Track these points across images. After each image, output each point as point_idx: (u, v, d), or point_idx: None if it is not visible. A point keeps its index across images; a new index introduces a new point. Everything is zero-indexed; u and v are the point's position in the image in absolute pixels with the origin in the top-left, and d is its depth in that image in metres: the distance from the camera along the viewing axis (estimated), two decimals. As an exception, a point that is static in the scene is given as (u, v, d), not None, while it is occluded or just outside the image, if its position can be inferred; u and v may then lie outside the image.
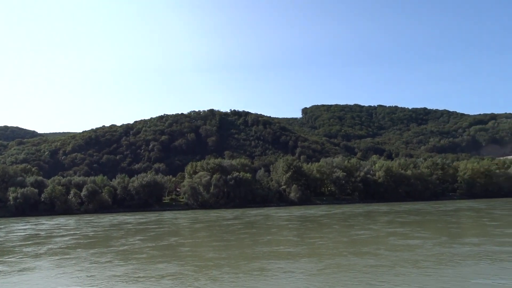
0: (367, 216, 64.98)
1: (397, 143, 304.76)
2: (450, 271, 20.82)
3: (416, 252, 27.31)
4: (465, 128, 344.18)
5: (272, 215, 75.92)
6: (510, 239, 32.44)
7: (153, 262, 26.94)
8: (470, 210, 74.75)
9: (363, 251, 28.37)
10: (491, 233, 37.29)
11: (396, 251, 27.85)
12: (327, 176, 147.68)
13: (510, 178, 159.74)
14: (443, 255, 25.81)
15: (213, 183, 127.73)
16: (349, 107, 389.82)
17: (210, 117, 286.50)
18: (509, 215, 59.81)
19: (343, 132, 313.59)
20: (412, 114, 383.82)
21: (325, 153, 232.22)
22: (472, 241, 31.67)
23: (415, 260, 24.32)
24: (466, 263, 23.17)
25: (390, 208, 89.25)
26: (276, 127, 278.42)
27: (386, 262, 23.93)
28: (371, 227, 45.90)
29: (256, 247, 32.44)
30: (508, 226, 43.63)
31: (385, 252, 27.78)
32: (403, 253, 26.89)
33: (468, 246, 29.21)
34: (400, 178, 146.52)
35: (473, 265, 22.55)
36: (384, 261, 24.29)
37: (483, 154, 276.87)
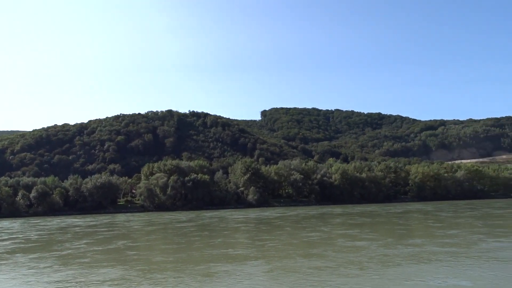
0: (320, 218, 65.81)
1: (353, 146, 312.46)
2: (391, 272, 21.22)
3: (361, 253, 27.73)
4: (417, 133, 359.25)
5: (227, 217, 75.34)
6: (451, 240, 33.64)
7: (96, 267, 25.72)
8: (418, 212, 77.50)
9: (311, 253, 28.50)
10: (434, 234, 38.59)
11: (343, 253, 28.20)
12: (285, 178, 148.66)
13: (457, 182, 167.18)
14: (387, 256, 26.34)
15: (170, 184, 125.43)
16: (307, 111, 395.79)
17: (168, 118, 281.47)
18: (453, 217, 62.31)
19: (301, 135, 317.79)
20: (367, 119, 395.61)
21: (283, 155, 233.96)
22: (415, 242, 32.60)
23: (359, 261, 24.66)
24: (407, 263, 23.69)
25: (344, 210, 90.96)
26: (235, 129, 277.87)
27: (331, 263, 24.13)
28: (322, 229, 46.41)
29: (205, 250, 31.88)
30: (451, 228, 45.33)
31: (332, 253, 28.07)
32: (349, 255, 27.23)
33: (411, 247, 30.00)
34: (355, 181, 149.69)
35: (413, 265, 23.09)
36: (330, 262, 24.46)
37: (433, 158, 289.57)
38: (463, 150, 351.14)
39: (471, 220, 54.87)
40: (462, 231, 40.97)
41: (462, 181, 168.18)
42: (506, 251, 27.23)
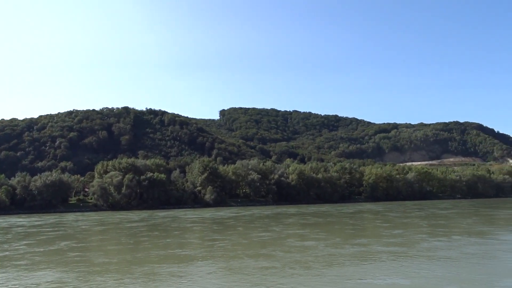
0: (273, 218, 66.16)
1: (310, 147, 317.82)
2: (334, 272, 21.49)
3: (309, 253, 27.98)
4: (371, 135, 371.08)
5: (181, 217, 74.24)
6: (395, 240, 34.66)
7: (33, 269, 24.39)
8: (368, 213, 79.71)
9: (260, 253, 28.46)
10: (380, 234, 39.71)
11: (290, 253, 28.32)
12: (242, 178, 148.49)
13: (408, 183, 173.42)
14: (332, 256, 26.73)
15: (125, 183, 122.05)
16: (266, 111, 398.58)
17: (124, 115, 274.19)
18: (400, 217, 64.51)
19: (260, 135, 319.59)
20: (324, 121, 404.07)
21: (242, 155, 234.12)
22: (361, 242, 33.31)
23: (305, 261, 24.84)
24: (351, 263, 24.09)
25: (298, 210, 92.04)
26: (193, 128, 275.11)
27: (277, 263, 24.13)
28: (274, 229, 46.57)
29: (153, 250, 31.10)
30: (397, 228, 46.80)
31: (280, 253, 28.13)
32: (296, 255, 27.40)
33: (357, 247, 30.61)
34: (312, 182, 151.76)
35: (356, 265, 23.50)
36: (276, 262, 24.46)
37: (386, 160, 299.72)
38: (414, 153, 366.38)
39: (417, 220, 56.97)
40: (407, 231, 42.37)
41: (413, 183, 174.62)
42: (444, 250, 28.26)
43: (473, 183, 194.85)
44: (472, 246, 29.96)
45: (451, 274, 20.58)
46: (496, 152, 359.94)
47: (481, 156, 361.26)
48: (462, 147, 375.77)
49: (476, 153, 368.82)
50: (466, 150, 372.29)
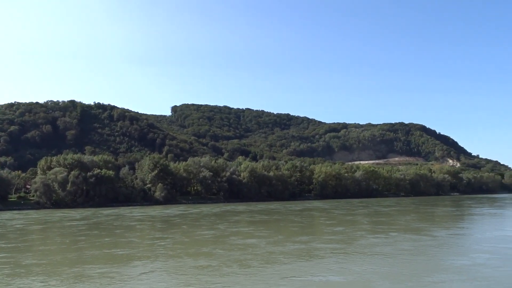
0: (220, 216, 65.80)
1: (262, 145, 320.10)
2: (271, 270, 21.48)
3: (249, 251, 27.87)
4: (322, 134, 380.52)
5: (126, 214, 72.17)
6: (336, 237, 35.41)
7: None
8: (315, 210, 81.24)
9: (200, 252, 28.03)
10: (323, 231, 40.56)
11: (231, 251, 28.09)
12: (194, 175, 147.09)
13: (356, 181, 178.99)
14: (272, 253, 26.74)
15: (70, 180, 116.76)
16: (219, 108, 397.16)
17: (70, 109, 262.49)
18: (344, 215, 66.33)
19: (212, 132, 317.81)
20: (276, 119, 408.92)
21: (193, 152, 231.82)
22: (303, 239, 33.71)
23: (244, 259, 24.71)
24: (289, 261, 24.17)
25: (246, 207, 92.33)
26: (143, 123, 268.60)
27: (215, 262, 23.85)
28: (219, 227, 46.26)
29: (88, 250, 29.72)
30: (339, 225, 47.87)
31: (221, 252, 27.85)
32: (236, 253, 27.21)
33: (298, 244, 30.88)
34: (263, 179, 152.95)
35: (294, 262, 23.63)
36: (214, 261, 24.17)
37: (335, 159, 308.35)
38: (362, 152, 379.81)
39: (360, 218, 58.67)
40: (348, 228, 43.40)
41: (360, 181, 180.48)
42: (380, 247, 29.10)
43: (416, 181, 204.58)
44: (406, 243, 31.10)
45: (383, 270, 21.16)
46: (437, 153, 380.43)
47: (424, 156, 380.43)
48: (407, 147, 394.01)
49: (419, 153, 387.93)
50: (410, 150, 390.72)
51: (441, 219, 56.62)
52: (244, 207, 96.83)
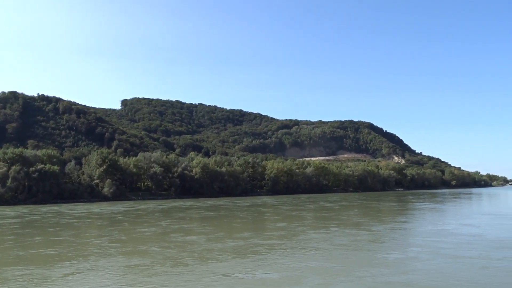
0: (166, 212, 64.68)
1: (214, 141, 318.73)
2: (204, 268, 21.20)
3: (186, 248, 27.45)
4: (274, 131, 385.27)
5: (66, 211, 69.23)
6: (277, 233, 35.68)
7: None
8: (262, 206, 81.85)
9: (135, 250, 27.19)
10: (265, 227, 41.02)
11: (167, 249, 27.53)
12: (144, 171, 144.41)
13: (306, 177, 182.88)
14: (209, 251, 26.44)
15: (11, 175, 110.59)
16: (171, 103, 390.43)
17: (11, 100, 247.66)
18: (291, 210, 67.25)
19: (163, 127, 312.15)
20: (229, 115, 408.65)
21: (144, 147, 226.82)
22: (243, 236, 33.69)
23: (179, 257, 24.29)
24: (226, 258, 24.05)
25: (195, 203, 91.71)
26: (91, 117, 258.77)
27: (148, 261, 23.22)
28: (161, 223, 45.33)
29: (11, 251, 27.92)
30: (283, 221, 48.39)
31: (156, 249, 27.22)
32: (172, 251, 26.71)
33: (238, 241, 30.82)
34: (215, 175, 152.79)
35: (230, 259, 23.53)
36: (148, 260, 23.54)
37: (287, 155, 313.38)
38: (313, 149, 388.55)
39: (305, 213, 59.73)
40: (291, 224, 43.99)
41: (311, 177, 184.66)
42: (318, 242, 29.67)
43: (363, 177, 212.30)
44: (344, 237, 31.94)
45: (317, 265, 21.57)
46: (384, 150, 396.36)
47: (372, 153, 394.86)
48: (356, 144, 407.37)
49: (367, 150, 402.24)
50: (359, 147, 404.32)
51: (382, 214, 58.95)
52: (192, 203, 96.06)
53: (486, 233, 34.63)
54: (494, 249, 26.42)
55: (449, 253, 24.92)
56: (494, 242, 29.19)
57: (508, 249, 26.22)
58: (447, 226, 39.63)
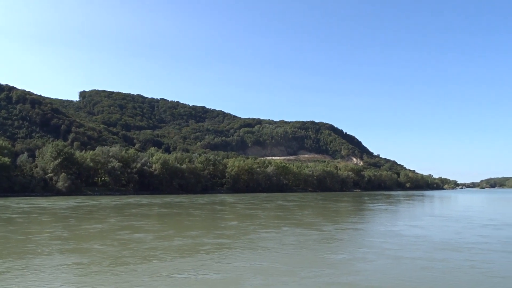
0: (118, 208, 62.83)
1: (175, 137, 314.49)
2: (144, 267, 20.39)
3: (130, 247, 26.50)
4: (236, 129, 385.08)
5: (12, 206, 65.92)
6: (227, 232, 35.24)
7: None
8: (219, 204, 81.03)
9: (76, 248, 25.90)
10: (217, 225, 40.46)
11: (110, 247, 26.47)
12: (102, 165, 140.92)
13: (267, 176, 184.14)
14: (154, 249, 25.62)
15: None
16: (132, 97, 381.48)
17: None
18: (246, 209, 66.94)
19: (123, 121, 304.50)
20: (192, 111, 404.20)
21: (102, 141, 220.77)
22: (193, 234, 32.97)
23: (120, 256, 23.32)
24: (171, 257, 23.36)
25: (150, 200, 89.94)
26: (47, 108, 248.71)
27: (87, 260, 22.19)
28: (110, 220, 43.88)
29: None
30: (236, 219, 48.07)
31: (98, 247, 26.09)
32: (115, 249, 25.69)
33: (186, 239, 30.10)
34: (175, 171, 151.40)
35: (174, 259, 22.87)
36: (87, 258, 22.45)
37: (249, 153, 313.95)
38: (274, 148, 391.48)
39: (260, 212, 59.54)
40: (243, 223, 43.72)
41: (271, 176, 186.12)
42: (267, 241, 29.48)
43: (323, 178, 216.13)
44: (294, 237, 31.93)
45: (261, 265, 21.34)
46: (343, 151, 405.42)
47: (331, 154, 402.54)
48: (316, 145, 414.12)
49: (327, 151, 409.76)
50: (319, 148, 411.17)
51: (335, 214, 59.71)
52: (148, 199, 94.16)
53: (431, 234, 35.64)
54: (437, 250, 27.13)
55: (393, 254, 25.35)
56: (437, 244, 30.00)
57: (450, 251, 26.98)
58: (395, 227, 40.56)
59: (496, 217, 57.43)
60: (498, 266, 22.36)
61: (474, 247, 28.49)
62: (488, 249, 27.75)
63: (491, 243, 30.61)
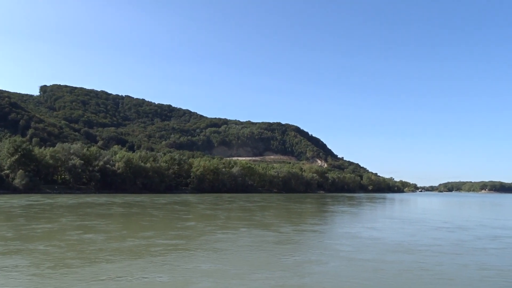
0: (73, 207, 60.38)
1: (140, 135, 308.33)
2: (88, 270, 19.38)
3: (76, 248, 25.34)
4: (203, 128, 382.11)
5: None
6: (183, 232, 34.53)
7: None
8: (180, 204, 79.54)
9: (18, 249, 24.41)
10: (173, 226, 39.44)
11: (55, 248, 25.22)
12: (62, 163, 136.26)
13: (232, 177, 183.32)
14: (103, 251, 24.59)
15: None
16: (95, 93, 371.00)
17: None
18: (207, 209, 66.16)
19: (86, 118, 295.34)
20: (157, 110, 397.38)
21: (63, 138, 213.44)
22: (148, 235, 32.07)
23: (65, 257, 22.22)
24: (118, 259, 22.48)
25: (109, 199, 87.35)
26: (5, 102, 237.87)
27: (27, 261, 20.90)
28: (62, 220, 42.05)
29: None
30: (194, 220, 47.39)
31: (43, 248, 24.80)
32: (60, 250, 24.45)
33: (139, 240, 29.24)
34: (139, 170, 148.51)
35: (122, 261, 22.00)
36: (26, 260, 21.08)
37: (215, 153, 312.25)
38: (240, 148, 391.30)
39: (220, 212, 58.99)
40: (201, 223, 43.13)
41: (237, 176, 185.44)
42: (222, 243, 29.06)
43: (288, 179, 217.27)
44: (250, 238, 31.66)
45: (212, 267, 20.92)
46: (308, 153, 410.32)
47: (297, 156, 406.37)
48: (282, 146, 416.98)
49: (292, 152, 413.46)
50: (285, 149, 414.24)
51: (295, 216, 59.92)
52: (108, 198, 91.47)
53: (386, 236, 36.25)
54: (389, 252, 27.52)
55: (347, 256, 25.50)
56: (391, 246, 30.48)
57: (401, 253, 27.43)
58: (353, 230, 41.01)
59: (450, 219, 59.37)
60: (446, 268, 22.86)
61: (426, 249, 29.12)
62: (439, 252, 28.42)
63: (443, 246, 31.41)
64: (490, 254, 28.17)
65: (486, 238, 36.85)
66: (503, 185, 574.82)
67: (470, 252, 28.75)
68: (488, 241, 34.82)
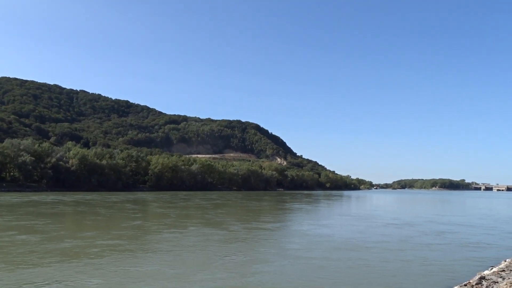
0: (14, 206, 57.14)
1: (96, 131, 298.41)
2: (13, 274, 17.88)
3: (4, 250, 23.51)
4: (161, 125, 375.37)
5: None
6: (127, 232, 33.29)
7: None
8: (132, 202, 77.16)
9: None
10: (118, 225, 37.76)
11: None
12: (11, 159, 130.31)
13: (192, 174, 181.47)
14: (34, 253, 22.81)
15: None
16: (48, 87, 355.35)
17: None
18: (159, 207, 64.67)
19: (38, 112, 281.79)
20: (114, 105, 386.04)
21: (13, 133, 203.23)
22: (87, 235, 30.47)
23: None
24: (52, 261, 21.04)
25: (57, 197, 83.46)
26: None
27: None
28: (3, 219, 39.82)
29: None
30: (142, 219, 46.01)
31: None
32: None
33: (77, 241, 27.70)
34: (94, 168, 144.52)
35: (52, 264, 20.56)
36: None
37: (174, 151, 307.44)
38: (200, 146, 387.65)
39: (172, 211, 57.64)
40: (148, 222, 41.93)
41: (196, 174, 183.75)
42: (167, 242, 28.16)
43: (247, 177, 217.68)
44: (197, 238, 30.82)
45: (150, 269, 19.96)
46: (268, 151, 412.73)
47: (257, 153, 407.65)
48: (242, 144, 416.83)
49: (252, 150, 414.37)
50: (245, 147, 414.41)
51: (250, 213, 59.49)
52: (57, 196, 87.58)
53: (335, 233, 36.44)
54: (336, 249, 27.53)
55: (293, 254, 25.23)
56: (338, 243, 30.57)
57: (348, 250, 27.49)
58: (303, 227, 41.05)
59: (400, 216, 60.96)
60: (391, 265, 23.03)
61: (373, 246, 29.39)
62: (385, 248, 28.75)
63: (390, 242, 31.87)
64: (434, 250, 28.80)
65: (431, 234, 37.84)
66: (452, 183, 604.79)
67: (415, 248, 29.31)
68: (433, 237, 35.74)
